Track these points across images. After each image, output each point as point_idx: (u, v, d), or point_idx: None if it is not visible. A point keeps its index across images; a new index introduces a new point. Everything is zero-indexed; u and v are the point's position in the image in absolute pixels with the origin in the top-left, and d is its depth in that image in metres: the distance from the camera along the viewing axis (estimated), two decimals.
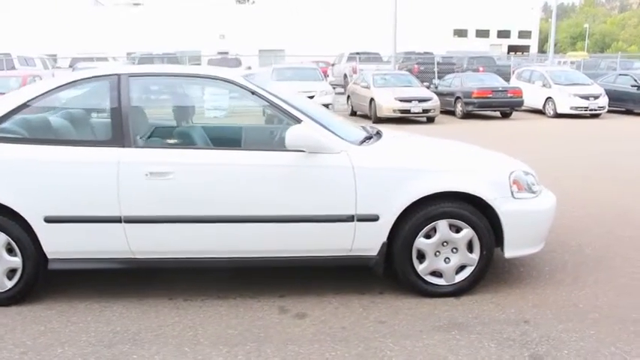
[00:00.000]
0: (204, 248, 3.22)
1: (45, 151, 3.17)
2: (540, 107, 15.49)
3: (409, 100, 13.76)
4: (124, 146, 3.17)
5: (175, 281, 3.63)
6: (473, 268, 3.32)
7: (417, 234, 3.23)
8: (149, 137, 3.26)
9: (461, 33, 46.49)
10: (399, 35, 20.43)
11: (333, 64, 24.20)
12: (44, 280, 3.39)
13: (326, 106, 14.45)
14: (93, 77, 3.34)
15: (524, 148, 9.55)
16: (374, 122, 14.32)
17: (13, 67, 17.32)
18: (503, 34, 49.41)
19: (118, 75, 3.31)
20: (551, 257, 4.05)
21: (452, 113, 15.67)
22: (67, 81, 3.35)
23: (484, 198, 3.21)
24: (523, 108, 15.44)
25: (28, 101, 3.25)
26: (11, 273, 3.26)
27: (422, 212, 3.21)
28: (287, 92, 3.73)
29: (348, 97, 16.94)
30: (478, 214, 3.24)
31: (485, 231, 3.25)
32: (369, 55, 22.87)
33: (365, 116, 15.03)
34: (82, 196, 3.15)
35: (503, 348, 2.76)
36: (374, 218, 3.18)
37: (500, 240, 3.31)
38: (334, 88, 23.56)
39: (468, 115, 15.01)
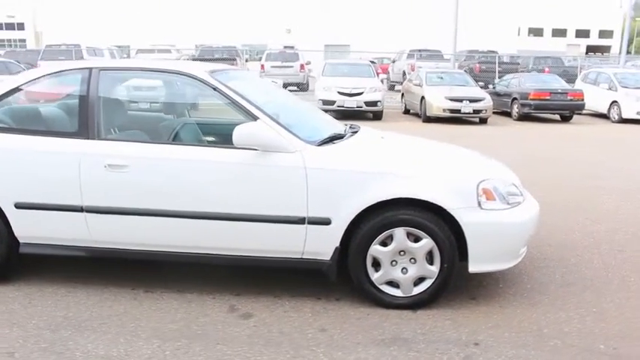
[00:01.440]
0: (158, 242, 3.25)
1: (15, 140, 3.30)
2: (605, 111, 14.45)
3: (460, 100, 13.28)
4: (87, 138, 3.26)
5: (146, 272, 3.68)
6: (432, 280, 3.12)
7: (372, 241, 3.08)
8: (113, 130, 3.32)
9: (536, 32, 44.23)
10: (464, 33, 19.82)
11: (393, 61, 23.80)
12: (17, 263, 3.56)
13: (374, 103, 14.37)
14: (67, 70, 3.45)
15: (577, 155, 8.95)
16: (423, 121, 13.99)
17: (82, 58, 18.41)
18: (582, 33, 46.47)
19: (90, 69, 3.39)
20: (540, 274, 3.75)
21: (509, 115, 14.97)
22: (42, 74, 3.48)
23: (444, 207, 3.01)
24: (586, 112, 14.50)
25: (4, 94, 3.41)
26: None
27: (377, 219, 3.06)
28: (259, 89, 3.70)
29: (402, 94, 16.63)
30: (440, 223, 3.04)
31: (446, 242, 3.04)
32: (430, 52, 22.26)
33: (417, 115, 14.68)
34: (49, 185, 3.27)
35: None
36: (326, 222, 3.07)
37: (465, 253, 3.10)
38: (394, 85, 23.28)
39: (524, 117, 14.28)
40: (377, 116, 14.46)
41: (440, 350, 2.74)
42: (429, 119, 13.75)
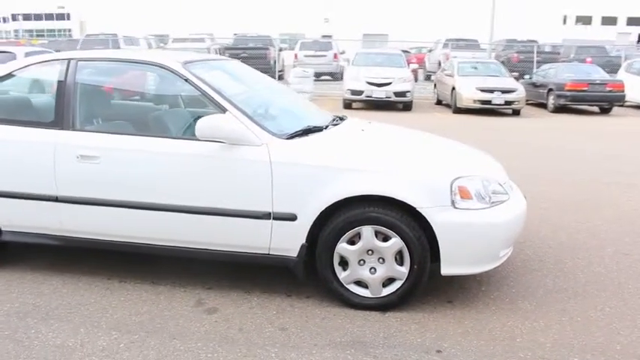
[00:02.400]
0: (127, 233, 3.24)
1: None
2: None
3: (491, 91, 12.85)
4: (62, 128, 3.27)
5: (124, 263, 3.68)
6: (402, 282, 2.98)
7: (339, 239, 2.96)
8: (87, 121, 3.31)
9: (585, 20, 42.16)
10: (504, 22, 19.08)
11: (429, 51, 23.24)
12: (1, 250, 3.63)
13: (403, 94, 14.07)
14: (48, 61, 3.47)
15: (610, 150, 8.49)
16: (453, 112, 13.62)
17: (118, 47, 18.82)
18: (634, 21, 43.93)
19: (69, 60, 3.40)
20: (530, 277, 3.55)
21: (544, 106, 14.39)
22: (26, 64, 3.51)
23: (413, 205, 2.86)
24: (628, 104, 13.74)
25: None
26: None
27: (344, 216, 2.94)
28: (241, 81, 3.60)
29: (435, 85, 16.24)
30: (409, 223, 2.89)
31: (416, 242, 2.89)
32: (467, 41, 21.58)
33: (448, 106, 14.30)
34: (26, 174, 3.30)
35: None
36: (291, 218, 2.98)
37: (437, 254, 2.95)
38: (429, 75, 22.75)
39: (560, 109, 13.68)
40: (406, 107, 14.16)
41: (398, 356, 2.61)
42: (459, 110, 13.38)
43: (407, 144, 3.47)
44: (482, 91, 12.81)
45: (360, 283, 3.04)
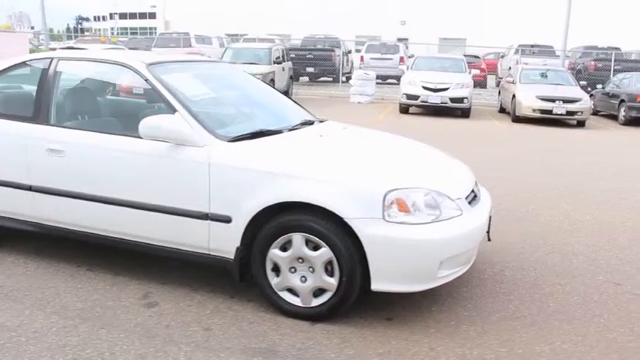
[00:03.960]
0: (85, 223, 3.40)
1: None
2: None
3: (552, 100, 12.13)
4: (37, 123, 3.49)
5: (102, 253, 3.82)
6: (332, 294, 2.91)
7: (271, 244, 2.94)
8: (59, 116, 3.51)
9: None
10: (584, 27, 17.92)
11: (502, 57, 22.28)
12: None
13: (460, 100, 13.59)
14: (36, 59, 3.72)
15: None
16: (513, 121, 13.02)
17: (190, 46, 19.68)
18: None
19: (51, 58, 3.63)
20: (492, 301, 3.32)
21: (615, 118, 13.36)
22: (19, 61, 3.79)
23: (340, 215, 2.77)
24: None
25: None
26: None
27: (277, 221, 2.92)
28: (210, 82, 3.66)
29: (499, 92, 15.59)
30: (339, 233, 2.81)
31: (345, 254, 2.81)
32: (541, 47, 20.45)
33: (510, 114, 13.67)
34: (6, 163, 3.57)
35: None
36: (226, 220, 2.99)
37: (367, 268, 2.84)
38: (500, 82, 21.79)
39: (632, 122, 12.63)
40: (465, 114, 13.71)
41: None
42: (519, 119, 12.75)
43: (360, 152, 3.37)
44: (543, 99, 12.14)
45: (292, 291, 3.00)
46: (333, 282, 2.89)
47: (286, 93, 17.08)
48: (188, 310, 3.11)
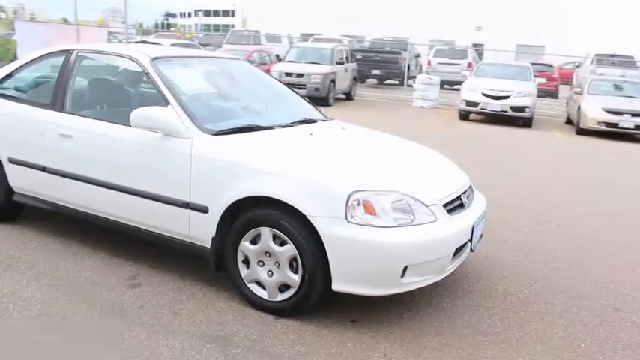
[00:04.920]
0: (87, 204, 3.65)
1: (12, 107, 3.99)
2: None
3: (619, 113, 11.38)
4: (54, 110, 3.79)
5: (108, 232, 4.08)
6: (295, 290, 2.95)
7: (242, 237, 3.03)
8: (73, 104, 3.78)
9: None
10: None
11: (577, 66, 21.05)
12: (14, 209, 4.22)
13: (521, 108, 13.04)
14: (58, 52, 4.03)
15: None
16: (576, 133, 12.33)
17: (259, 43, 20.21)
18: None
19: (71, 51, 3.92)
20: (469, 315, 3.22)
21: None
22: (43, 53, 4.12)
23: (303, 212, 2.81)
24: None
25: (15, 69, 4.13)
26: None
27: (247, 214, 3.00)
28: (213, 77, 3.79)
29: (567, 103, 14.82)
30: (303, 230, 2.84)
31: (307, 251, 2.84)
32: (621, 58, 19.12)
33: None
34: (27, 146, 3.89)
35: None
36: (204, 210, 3.11)
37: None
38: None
39: None
40: (526, 123, 13.14)
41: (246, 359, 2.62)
42: (582, 131, 12.05)
43: (341, 153, 3.36)
44: (609, 112, 11.41)
45: (260, 284, 3.07)
46: (296, 278, 2.93)
47: (349, 94, 17.12)
48: (166, 294, 3.26)
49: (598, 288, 3.74)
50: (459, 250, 3.14)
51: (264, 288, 3.06)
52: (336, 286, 2.86)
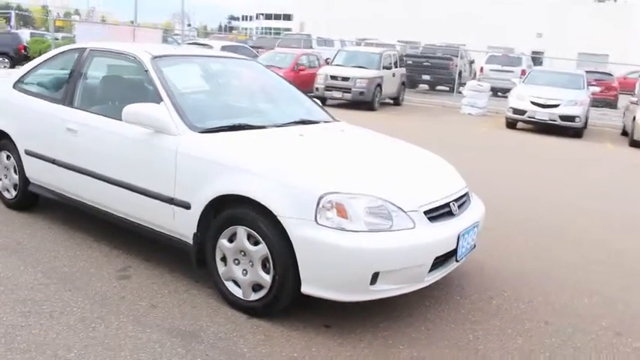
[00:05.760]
0: (88, 196, 3.79)
1: (30, 102, 4.20)
2: None
3: None
4: (64, 105, 3.96)
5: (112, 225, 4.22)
6: (267, 290, 2.93)
7: (219, 234, 3.05)
8: (81, 100, 3.94)
9: None
10: None
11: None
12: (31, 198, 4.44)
13: (571, 118, 12.45)
14: (73, 49, 4.22)
15: None
16: (630, 145, 11.64)
17: (310, 47, 20.37)
18: None
19: (84, 49, 4.09)
20: (451, 329, 3.09)
21: None
22: (60, 50, 4.33)
23: (273, 212, 2.79)
24: None
25: (35, 67, 4.36)
26: (14, 189, 4.45)
27: (225, 212, 3.02)
28: (213, 77, 3.85)
29: (624, 113, 14.02)
30: (275, 231, 2.82)
31: (278, 252, 2.82)
32: None
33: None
34: (41, 139, 4.09)
35: None
36: (187, 205, 3.16)
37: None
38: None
39: None
40: (577, 133, 12.56)
41: (207, 356, 2.62)
42: (636, 144, 11.36)
43: (324, 155, 3.31)
44: None
45: (236, 282, 3.08)
46: (267, 279, 2.91)
47: (396, 99, 16.94)
48: (150, 287, 3.32)
49: (604, 310, 3.50)
50: (442, 260, 3.03)
51: (239, 286, 3.07)
52: (305, 289, 2.82)
